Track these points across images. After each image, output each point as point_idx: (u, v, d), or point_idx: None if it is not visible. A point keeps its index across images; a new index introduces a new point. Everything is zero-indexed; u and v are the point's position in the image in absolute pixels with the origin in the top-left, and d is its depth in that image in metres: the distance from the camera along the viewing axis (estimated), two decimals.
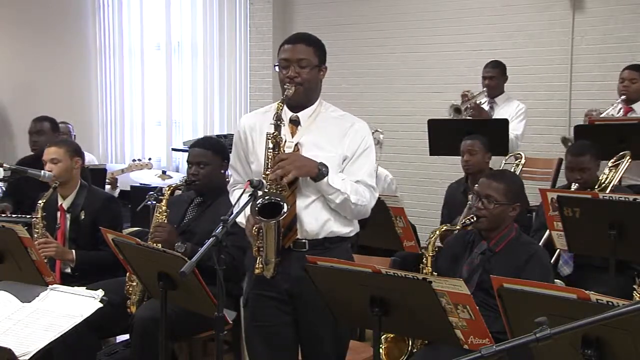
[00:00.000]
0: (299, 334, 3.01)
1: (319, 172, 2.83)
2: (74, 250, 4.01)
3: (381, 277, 2.54)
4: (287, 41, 2.99)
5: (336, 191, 2.86)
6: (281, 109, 2.86)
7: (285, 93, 2.88)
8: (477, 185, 3.46)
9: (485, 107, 5.84)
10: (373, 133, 3.50)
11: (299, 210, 2.90)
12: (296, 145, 2.92)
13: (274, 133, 2.85)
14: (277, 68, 2.96)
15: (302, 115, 2.98)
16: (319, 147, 2.93)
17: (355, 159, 2.96)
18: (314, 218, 2.91)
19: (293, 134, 2.96)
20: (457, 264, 3.30)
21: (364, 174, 2.96)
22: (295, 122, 2.97)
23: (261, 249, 2.83)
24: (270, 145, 2.85)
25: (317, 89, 3.00)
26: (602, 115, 5.29)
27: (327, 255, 2.79)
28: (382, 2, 7.46)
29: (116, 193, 5.93)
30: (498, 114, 5.71)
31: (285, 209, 2.74)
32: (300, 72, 2.90)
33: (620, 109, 5.45)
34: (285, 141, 2.89)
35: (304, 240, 2.91)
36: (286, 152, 2.88)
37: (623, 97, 5.36)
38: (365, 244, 4.41)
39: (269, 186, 2.81)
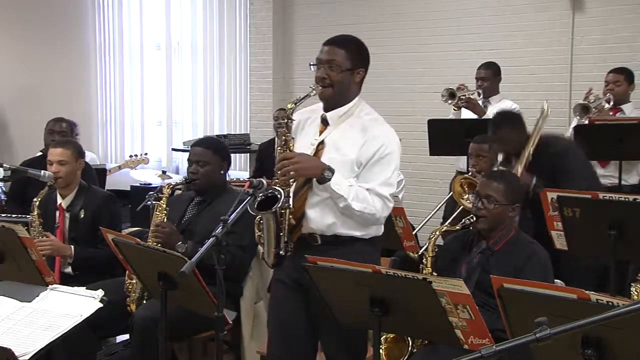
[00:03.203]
0: (314, 325, 3.04)
1: (322, 176, 2.84)
2: (72, 246, 4.02)
3: (381, 277, 2.54)
4: (325, 42, 3.04)
5: (340, 196, 2.87)
6: (291, 109, 2.92)
7: (308, 92, 2.94)
8: (478, 185, 3.47)
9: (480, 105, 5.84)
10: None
11: (307, 207, 2.94)
12: (320, 144, 2.96)
13: (283, 130, 2.91)
14: (312, 68, 3.00)
15: (331, 115, 3.00)
16: (337, 148, 2.95)
17: (370, 166, 2.93)
18: (320, 217, 2.94)
19: (321, 132, 3.00)
20: (456, 264, 3.30)
21: (376, 183, 2.92)
22: (324, 122, 3.01)
23: (262, 238, 2.91)
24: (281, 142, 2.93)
25: (349, 91, 3.00)
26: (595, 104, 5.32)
27: (338, 252, 2.80)
28: (382, 2, 7.47)
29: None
30: (491, 113, 5.71)
31: (280, 202, 2.80)
32: (330, 74, 2.94)
33: (610, 109, 5.46)
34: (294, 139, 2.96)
35: (316, 235, 2.95)
36: (309, 149, 2.94)
37: (609, 96, 5.41)
38: None
39: (276, 181, 2.89)
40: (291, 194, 2.90)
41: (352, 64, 2.98)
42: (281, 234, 2.90)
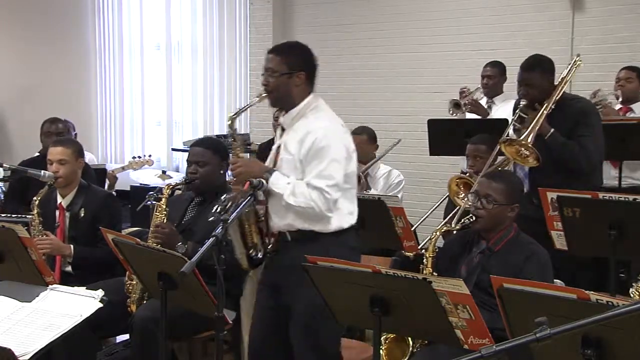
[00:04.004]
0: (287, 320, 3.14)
1: (263, 178, 3.01)
2: (72, 245, 4.01)
3: (381, 277, 2.54)
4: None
5: (279, 195, 3.00)
6: (230, 120, 3.20)
7: (251, 101, 3.26)
8: (476, 184, 3.46)
9: (484, 106, 5.83)
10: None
11: (270, 208, 3.12)
12: (278, 147, 3.14)
13: (231, 139, 3.21)
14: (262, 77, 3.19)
15: (284, 119, 3.18)
16: (286, 149, 3.10)
17: (307, 161, 3.03)
18: (276, 214, 3.09)
19: (281, 135, 3.18)
20: (456, 264, 3.30)
21: (312, 176, 3.00)
22: (281, 126, 3.21)
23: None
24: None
25: (291, 95, 3.13)
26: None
27: (305, 248, 2.90)
28: (382, 2, 7.47)
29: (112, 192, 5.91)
30: (496, 114, 5.69)
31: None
32: (269, 81, 3.10)
33: (620, 108, 5.47)
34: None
35: (285, 232, 3.10)
36: (271, 152, 3.19)
37: (618, 92, 5.42)
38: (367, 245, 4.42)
39: None
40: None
41: (289, 67, 3.09)
42: (252, 237, 3.10)
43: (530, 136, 4.01)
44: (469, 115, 5.79)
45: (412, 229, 4.27)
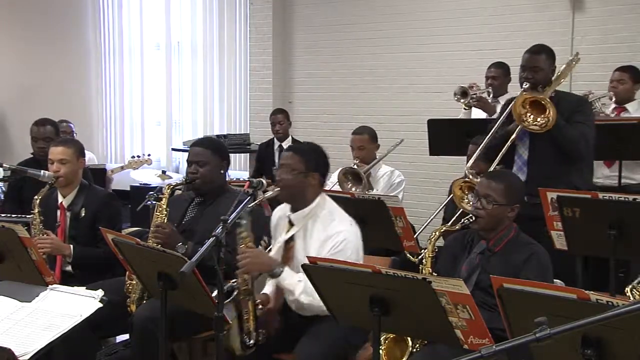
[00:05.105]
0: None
1: (273, 272, 3.14)
2: (71, 245, 4.01)
3: (381, 277, 2.54)
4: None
5: (289, 291, 3.15)
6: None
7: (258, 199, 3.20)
8: (477, 184, 3.46)
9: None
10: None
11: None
12: (288, 242, 3.24)
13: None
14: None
15: (296, 216, 3.28)
16: (306, 251, 3.19)
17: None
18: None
19: (287, 231, 3.29)
20: (456, 265, 3.30)
21: None
22: (290, 222, 3.30)
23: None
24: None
25: (304, 193, 3.24)
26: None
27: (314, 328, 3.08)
28: (382, 2, 7.47)
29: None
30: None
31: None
32: (283, 177, 3.22)
33: (615, 108, 5.47)
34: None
35: None
36: (278, 246, 3.27)
37: (611, 93, 5.44)
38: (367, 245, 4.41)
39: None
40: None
41: (307, 167, 3.24)
42: (247, 322, 3.13)
43: (548, 93, 4.10)
44: (476, 113, 5.78)
45: (415, 236, 4.27)
